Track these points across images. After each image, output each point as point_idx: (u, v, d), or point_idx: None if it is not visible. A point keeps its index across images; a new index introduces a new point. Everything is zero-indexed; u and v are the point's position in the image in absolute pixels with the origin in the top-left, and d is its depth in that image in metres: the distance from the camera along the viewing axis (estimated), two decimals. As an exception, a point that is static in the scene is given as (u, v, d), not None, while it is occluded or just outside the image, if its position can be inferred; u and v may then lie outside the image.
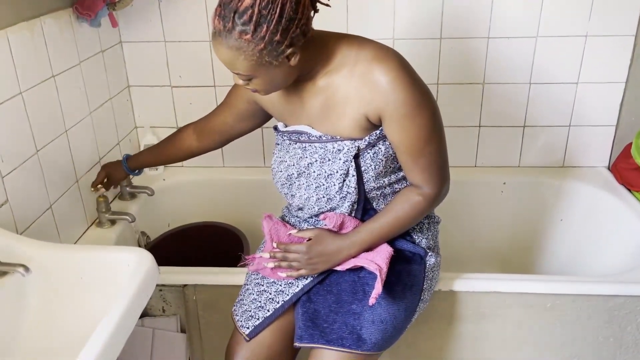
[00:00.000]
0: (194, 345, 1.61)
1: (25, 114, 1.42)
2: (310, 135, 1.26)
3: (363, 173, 1.24)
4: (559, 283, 1.49)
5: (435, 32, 1.89)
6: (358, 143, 1.22)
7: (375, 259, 1.24)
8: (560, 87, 1.94)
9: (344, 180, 1.24)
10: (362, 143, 1.22)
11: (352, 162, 1.22)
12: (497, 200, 2.06)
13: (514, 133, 2.03)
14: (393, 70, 1.14)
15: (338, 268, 1.29)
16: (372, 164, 1.23)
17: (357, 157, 1.23)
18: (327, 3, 1.16)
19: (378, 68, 1.14)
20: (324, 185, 1.26)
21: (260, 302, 1.31)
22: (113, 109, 1.91)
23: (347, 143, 1.22)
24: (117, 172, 1.73)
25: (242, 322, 1.31)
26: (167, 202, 2.04)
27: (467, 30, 1.88)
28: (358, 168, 1.24)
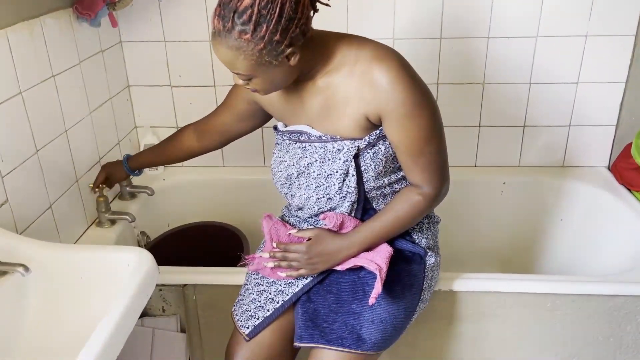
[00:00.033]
0: (194, 345, 1.61)
1: (25, 114, 1.42)
2: (310, 135, 1.26)
3: (363, 173, 1.24)
4: (559, 283, 1.49)
5: (435, 32, 1.89)
6: (358, 143, 1.22)
7: (375, 259, 1.24)
8: (560, 87, 1.94)
9: (344, 180, 1.24)
10: (362, 143, 1.22)
11: (352, 162, 1.22)
12: (497, 200, 2.06)
13: (514, 133, 2.03)
14: (393, 70, 1.14)
15: (338, 268, 1.29)
16: (372, 164, 1.23)
17: (357, 156, 1.23)
18: (326, 3, 1.16)
19: (378, 68, 1.14)
20: (324, 185, 1.26)
21: (260, 301, 1.31)
22: (113, 109, 1.91)
23: (346, 143, 1.22)
24: (117, 172, 1.73)
25: (242, 322, 1.31)
26: (167, 202, 2.04)
27: (467, 30, 1.88)
28: (358, 168, 1.24)
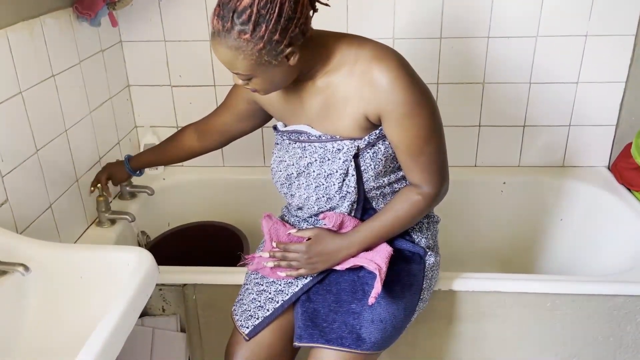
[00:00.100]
0: (194, 345, 1.61)
1: (25, 114, 1.42)
2: (310, 135, 1.26)
3: (362, 173, 1.24)
4: (559, 283, 1.49)
5: (435, 31, 1.89)
6: (357, 143, 1.22)
7: (375, 259, 1.24)
8: (560, 86, 1.94)
9: (344, 180, 1.24)
10: (361, 143, 1.22)
11: (351, 161, 1.22)
12: (497, 200, 2.06)
13: (514, 133, 2.03)
14: (393, 70, 1.14)
15: (337, 267, 1.29)
16: (371, 164, 1.23)
17: (356, 156, 1.23)
18: (326, 3, 1.16)
19: (377, 67, 1.14)
20: (324, 185, 1.26)
21: (260, 301, 1.31)
22: (113, 109, 1.91)
23: (346, 143, 1.22)
24: (119, 172, 1.73)
25: (241, 321, 1.31)
26: (167, 201, 2.04)
27: (467, 30, 1.88)
28: (357, 168, 1.24)
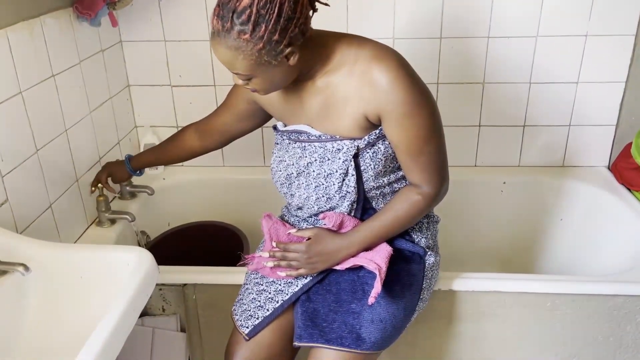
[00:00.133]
0: (194, 345, 1.61)
1: (25, 114, 1.42)
2: (310, 135, 1.27)
3: (362, 172, 1.24)
4: (559, 283, 1.49)
5: (435, 31, 1.89)
6: (357, 142, 1.22)
7: (375, 258, 1.24)
8: (560, 86, 1.94)
9: (344, 180, 1.24)
10: (361, 142, 1.22)
11: (351, 161, 1.22)
12: (497, 200, 2.06)
13: (514, 133, 2.03)
14: (392, 70, 1.14)
15: (337, 267, 1.29)
16: (371, 164, 1.23)
17: (356, 156, 1.23)
18: (326, 2, 1.16)
19: (377, 67, 1.14)
20: (324, 185, 1.26)
21: (260, 301, 1.31)
22: (113, 109, 1.91)
23: (346, 142, 1.22)
24: (119, 172, 1.73)
25: (241, 321, 1.31)
26: (167, 201, 2.04)
27: (467, 30, 1.88)
28: (357, 167, 1.24)
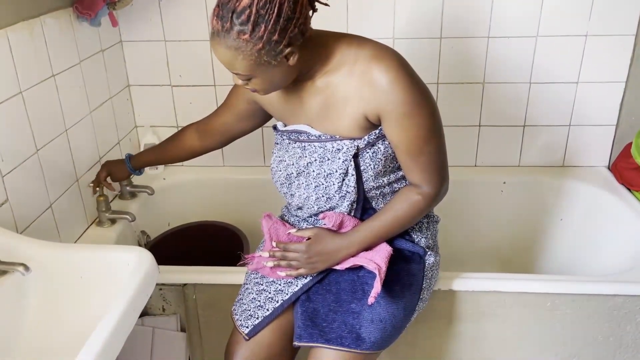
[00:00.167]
0: (194, 344, 1.61)
1: (25, 114, 1.42)
2: (310, 135, 1.27)
3: (362, 172, 1.24)
4: (559, 283, 1.49)
5: (435, 31, 1.89)
6: (357, 142, 1.22)
7: (375, 258, 1.24)
8: (560, 86, 1.94)
9: (343, 180, 1.24)
10: (361, 142, 1.22)
11: (351, 161, 1.22)
12: (497, 200, 2.06)
13: (514, 133, 2.03)
14: (392, 70, 1.14)
15: (337, 267, 1.29)
16: (371, 164, 1.24)
17: (356, 156, 1.23)
18: (326, 2, 1.16)
19: (377, 67, 1.14)
20: (323, 185, 1.26)
21: (260, 301, 1.31)
22: (113, 109, 1.91)
23: (346, 142, 1.22)
24: (119, 171, 1.72)
25: (241, 321, 1.31)
26: (167, 201, 2.04)
27: (467, 30, 1.88)
28: (357, 167, 1.24)
